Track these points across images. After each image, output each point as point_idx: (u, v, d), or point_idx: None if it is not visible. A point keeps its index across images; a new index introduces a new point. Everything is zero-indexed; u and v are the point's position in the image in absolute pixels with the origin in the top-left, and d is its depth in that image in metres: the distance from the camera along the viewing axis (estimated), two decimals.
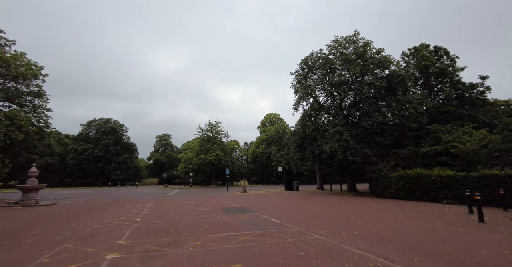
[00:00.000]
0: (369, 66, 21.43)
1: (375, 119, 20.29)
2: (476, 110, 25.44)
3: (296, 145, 25.55)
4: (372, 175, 19.55)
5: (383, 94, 21.65)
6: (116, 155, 74.00)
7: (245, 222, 8.90)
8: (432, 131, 18.78)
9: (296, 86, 25.60)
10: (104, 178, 71.93)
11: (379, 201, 15.85)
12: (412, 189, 16.37)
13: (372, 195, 20.13)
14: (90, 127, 76.38)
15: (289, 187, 29.58)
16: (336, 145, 19.73)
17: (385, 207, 12.96)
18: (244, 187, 28.36)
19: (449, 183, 14.32)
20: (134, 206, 15.44)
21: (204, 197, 22.35)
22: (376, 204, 14.10)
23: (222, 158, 48.59)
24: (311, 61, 25.74)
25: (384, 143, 20.47)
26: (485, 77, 26.69)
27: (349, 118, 22.94)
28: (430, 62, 25.84)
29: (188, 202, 17.39)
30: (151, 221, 9.57)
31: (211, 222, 8.93)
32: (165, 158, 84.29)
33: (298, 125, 25.13)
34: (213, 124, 52.47)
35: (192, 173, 50.16)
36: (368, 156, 19.84)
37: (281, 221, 8.88)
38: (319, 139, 21.91)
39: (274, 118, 70.10)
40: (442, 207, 12.51)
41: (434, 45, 28.54)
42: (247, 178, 77.86)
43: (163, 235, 7.08)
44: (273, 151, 56.70)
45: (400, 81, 21.74)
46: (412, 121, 20.35)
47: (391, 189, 18.05)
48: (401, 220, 8.89)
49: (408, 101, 20.87)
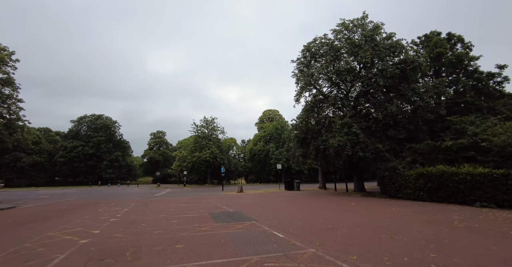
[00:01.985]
0: (381, 51, 19.06)
1: (388, 110, 17.93)
2: (494, 102, 23.20)
3: (297, 140, 23.14)
4: (385, 173, 17.21)
5: (396, 83, 19.28)
6: (108, 153, 71.18)
7: (238, 236, 6.48)
8: (455, 122, 16.47)
9: (298, 75, 23.17)
10: (95, 177, 69.09)
11: (397, 204, 13.51)
12: (434, 189, 14.05)
13: (383, 196, 17.81)
14: (80, 123, 73.40)
15: (289, 186, 27.22)
16: (345, 139, 17.35)
17: (410, 211, 10.60)
18: (241, 187, 25.97)
19: (484, 182, 11.99)
20: (108, 210, 12.96)
21: (195, 198, 19.91)
22: (396, 208, 11.73)
23: (217, 156, 46.01)
24: (314, 47, 23.30)
25: (398, 137, 18.12)
26: (504, 66, 24.44)
27: (358, 108, 20.55)
28: (445, 49, 23.51)
29: (174, 205, 14.94)
30: (111, 234, 7.11)
31: (190, 238, 6.50)
32: (160, 156, 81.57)
33: (299, 118, 22.67)
34: (209, 120, 49.75)
35: (186, 172, 47.55)
36: (380, 151, 17.49)
37: (287, 236, 6.48)
38: (324, 133, 19.50)
39: (273, 115, 67.63)
40: (480, 212, 10.18)
41: (448, 32, 26.21)
42: (245, 177, 75.50)
43: (112, 263, 4.64)
44: (272, 149, 54.30)
45: (414, 68, 19.39)
46: (429, 112, 18.02)
47: (407, 189, 15.72)
48: (453, 234, 6.51)
49: (424, 90, 18.54)
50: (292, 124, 23.78)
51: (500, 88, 24.78)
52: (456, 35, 26.02)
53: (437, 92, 18.77)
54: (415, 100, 18.32)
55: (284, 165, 49.47)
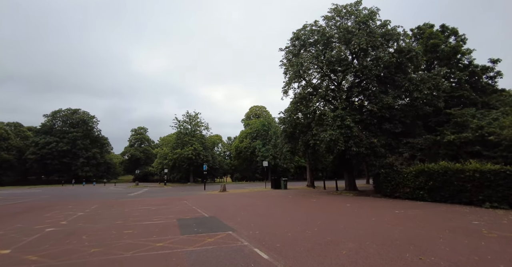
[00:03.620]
0: (376, 37, 17.55)
1: (384, 101, 16.44)
2: (488, 97, 22.38)
3: (285, 135, 21.35)
4: (380, 170, 15.74)
5: (392, 73, 17.85)
6: (85, 150, 66.89)
7: (203, 259, 4.52)
8: (455, 116, 15.21)
9: (287, 65, 21.38)
10: (70, 175, 64.73)
11: (397, 204, 11.98)
12: (437, 188, 12.64)
13: (378, 195, 16.36)
14: (55, 118, 68.55)
15: (276, 185, 25.47)
16: (337, 133, 15.71)
17: (417, 215, 9.01)
18: (223, 186, 23.95)
19: (494, 180, 10.61)
20: (58, 215, 10.66)
21: (171, 199, 17.74)
22: (400, 210, 10.14)
23: (201, 153, 43.52)
24: (304, 35, 21.53)
25: (394, 131, 16.70)
26: (497, 60, 23.70)
27: (351, 100, 19.01)
28: (440, 41, 22.40)
29: (142, 207, 12.76)
30: (22, 256, 4.97)
31: (133, 261, 4.48)
32: (141, 153, 77.78)
33: (288, 111, 20.86)
34: (192, 115, 47.00)
35: (167, 170, 44.83)
36: (375, 146, 15.98)
37: (274, 257, 4.58)
38: (315, 127, 17.82)
39: (260, 111, 65.74)
40: (496, 215, 8.73)
41: (441, 24, 25.18)
42: (230, 175, 73.33)
43: None
44: (258, 146, 52.45)
45: (411, 58, 18.03)
46: (427, 105, 16.69)
47: (406, 187, 14.28)
48: (496, 250, 4.84)
49: (421, 81, 17.20)
50: (279, 117, 21.97)
51: (493, 83, 24.06)
52: (449, 27, 25.04)
53: (434, 83, 17.48)
54: (412, 91, 16.93)
55: (271, 163, 47.81)
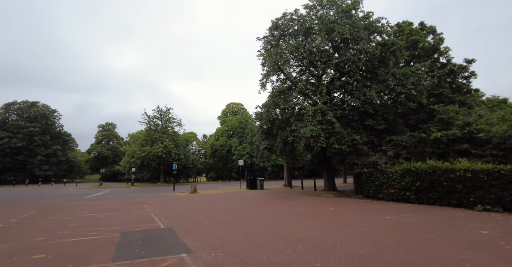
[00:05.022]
0: (360, 28, 16.46)
1: (367, 95, 15.37)
2: (463, 96, 22.44)
3: (262, 131, 19.75)
4: (362, 169, 14.63)
5: (376, 66, 16.88)
6: (44, 146, 60.77)
7: None
8: (440, 112, 14.49)
9: (265, 55, 19.76)
10: (26, 174, 58.44)
11: (383, 207, 10.81)
12: (424, 189, 11.69)
13: (359, 196, 15.31)
14: (8, 111, 61.56)
15: (252, 185, 23.81)
16: (318, 129, 14.36)
17: (412, 221, 7.76)
18: (194, 186, 21.84)
19: (487, 180, 9.74)
20: None
21: (130, 202, 15.41)
22: (390, 215, 8.87)
23: (172, 151, 40.60)
24: (283, 25, 20.05)
25: (377, 128, 15.70)
26: (471, 60, 23.85)
27: (331, 94, 17.81)
28: (420, 37, 22.01)
29: (88, 215, 10.45)
30: None
31: None
32: (108, 151, 72.49)
33: (265, 106, 19.22)
34: (163, 110, 43.76)
35: (135, 169, 41.43)
36: (357, 144, 14.86)
37: None
38: (294, 122, 16.36)
39: (237, 108, 63.74)
40: (495, 220, 7.71)
41: (420, 22, 24.91)
42: (205, 174, 70.62)
43: None
44: (234, 144, 50.51)
45: (394, 51, 17.18)
46: (411, 100, 15.88)
47: (390, 188, 13.29)
48: None
49: (404, 75, 16.39)
50: (256, 112, 20.29)
51: (467, 83, 24.21)
52: (427, 25, 24.87)
53: (417, 79, 16.74)
54: (395, 86, 16.05)
55: (247, 162, 46.14)
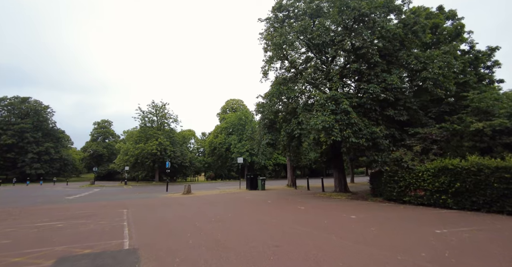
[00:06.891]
0: (379, 2, 14.17)
1: (388, 80, 13.07)
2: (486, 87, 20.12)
3: (264, 125, 17.46)
4: (383, 167, 12.36)
5: (397, 48, 14.57)
6: (36, 144, 58.51)
7: None
8: (475, 100, 12.25)
9: (268, 37, 17.46)
10: (17, 173, 56.19)
11: (421, 216, 8.54)
12: (465, 192, 9.42)
13: (378, 199, 13.04)
14: None
15: (252, 185, 21.55)
16: (332, 119, 12.07)
17: (482, 240, 5.48)
18: (188, 187, 19.57)
19: None
20: None
21: (109, 205, 13.13)
22: (441, 229, 6.59)
23: (167, 148, 38.33)
24: (288, 5, 17.82)
25: (398, 119, 13.41)
26: (495, 48, 21.52)
27: (344, 80, 15.49)
28: (441, 20, 19.70)
29: (42, 224, 8.17)
30: None
31: None
32: (104, 149, 70.19)
33: (268, 95, 16.92)
34: (158, 106, 41.42)
35: (129, 167, 39.15)
36: (377, 137, 12.57)
37: None
38: (301, 113, 14.05)
39: (237, 104, 61.37)
40: None
41: (438, 5, 22.57)
42: (204, 173, 68.37)
43: None
44: (234, 141, 48.24)
45: (416, 31, 14.85)
46: (438, 87, 13.56)
47: (420, 190, 11.01)
48: None
49: (429, 58, 14.10)
50: (257, 103, 17.96)
51: (490, 72, 21.91)
52: (446, 10, 22.52)
53: (445, 63, 14.42)
54: (420, 70, 13.74)
55: (247, 160, 43.90)
